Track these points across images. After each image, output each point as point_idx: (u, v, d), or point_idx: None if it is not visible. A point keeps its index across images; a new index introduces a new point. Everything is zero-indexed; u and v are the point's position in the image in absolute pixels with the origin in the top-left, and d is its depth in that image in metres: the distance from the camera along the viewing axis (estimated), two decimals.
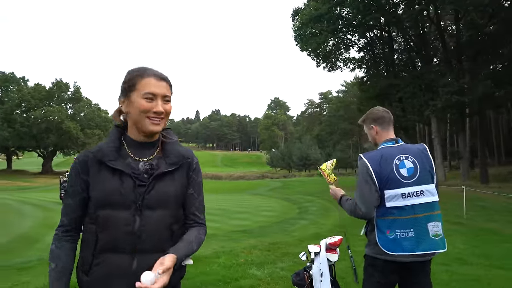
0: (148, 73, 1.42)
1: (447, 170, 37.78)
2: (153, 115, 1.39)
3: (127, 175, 1.37)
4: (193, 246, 1.41)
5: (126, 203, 1.34)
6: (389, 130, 2.48)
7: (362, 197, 2.24)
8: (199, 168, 1.52)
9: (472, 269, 5.49)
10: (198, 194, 1.49)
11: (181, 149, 1.49)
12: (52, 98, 61.27)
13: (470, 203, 14.72)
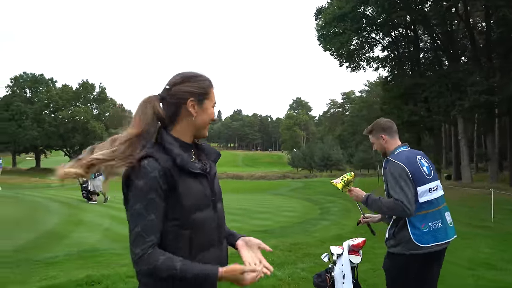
0: (212, 83, 1.57)
1: (473, 172, 36.61)
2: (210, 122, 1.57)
3: (204, 176, 1.48)
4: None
5: (208, 203, 1.47)
6: (396, 138, 2.77)
7: (407, 196, 2.41)
8: None
9: (501, 274, 5.29)
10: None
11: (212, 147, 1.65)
12: (78, 99, 63.13)
13: (498, 206, 14.20)
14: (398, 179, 2.44)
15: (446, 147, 44.09)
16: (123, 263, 5.57)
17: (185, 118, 1.49)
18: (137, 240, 1.35)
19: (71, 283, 4.30)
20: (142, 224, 1.36)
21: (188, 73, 1.54)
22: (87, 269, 5.19)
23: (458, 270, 5.40)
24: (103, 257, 6.07)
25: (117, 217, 12.54)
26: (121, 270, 5.04)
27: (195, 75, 1.54)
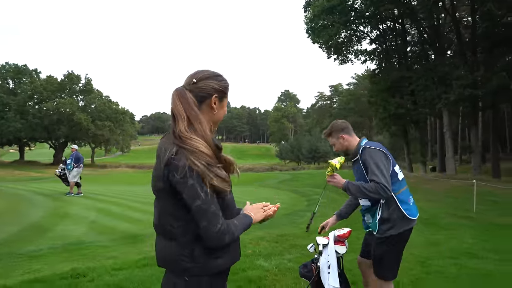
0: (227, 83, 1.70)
1: (458, 164, 37.31)
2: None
3: None
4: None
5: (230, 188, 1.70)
6: (354, 135, 3.00)
7: (387, 180, 2.61)
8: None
9: (483, 263, 5.42)
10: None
11: None
12: (63, 90, 61.91)
13: (481, 197, 14.53)
14: (379, 163, 2.64)
15: (431, 140, 44.79)
16: (109, 256, 5.52)
17: (206, 113, 1.62)
18: (215, 218, 1.51)
19: (55, 276, 4.24)
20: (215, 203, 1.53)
21: (212, 71, 1.67)
22: (72, 262, 5.13)
23: (441, 260, 5.51)
24: (88, 250, 6.00)
25: (103, 209, 12.40)
26: (107, 263, 5.00)
27: (218, 74, 1.68)
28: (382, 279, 2.89)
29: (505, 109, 45.70)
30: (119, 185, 29.26)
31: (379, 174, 2.60)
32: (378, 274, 2.92)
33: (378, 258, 2.87)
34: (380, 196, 2.63)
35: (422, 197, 15.94)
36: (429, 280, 4.38)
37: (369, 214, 2.91)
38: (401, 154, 51.75)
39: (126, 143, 67.10)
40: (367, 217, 2.95)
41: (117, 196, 17.41)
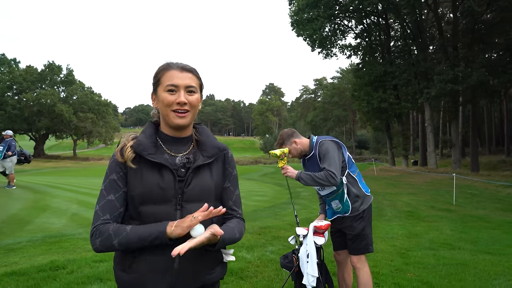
0: (171, 66, 1.39)
1: (438, 158, 38.11)
2: (176, 107, 1.34)
3: (167, 169, 1.33)
4: (235, 233, 1.34)
5: (167, 198, 1.31)
6: (302, 137, 3.15)
7: (337, 169, 2.84)
8: (234, 161, 1.49)
9: (460, 253, 5.57)
10: (235, 188, 1.45)
11: (216, 142, 1.47)
12: (44, 81, 60.39)
13: (460, 190, 14.91)
14: (332, 153, 2.86)
15: (413, 134, 45.59)
16: (90, 248, 5.45)
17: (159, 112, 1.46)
18: (94, 218, 1.34)
19: (33, 268, 4.15)
20: (101, 203, 1.35)
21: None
22: (52, 254, 5.04)
23: (421, 251, 5.63)
24: (69, 242, 5.90)
25: (84, 202, 12.23)
26: (87, 255, 4.93)
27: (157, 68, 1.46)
28: (364, 253, 3.03)
29: (484, 104, 46.78)
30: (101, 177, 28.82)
31: (333, 163, 2.82)
32: (360, 249, 3.02)
33: (360, 232, 3.00)
34: (329, 183, 2.83)
35: (404, 190, 16.24)
36: (408, 271, 4.47)
37: (336, 199, 3.04)
38: (384, 148, 52.62)
39: (109, 135, 66.06)
40: (335, 203, 3.07)
41: (99, 188, 17.15)
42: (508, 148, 40.03)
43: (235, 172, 1.45)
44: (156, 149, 1.38)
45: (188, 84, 1.37)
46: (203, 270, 1.34)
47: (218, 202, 1.40)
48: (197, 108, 1.42)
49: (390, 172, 26.77)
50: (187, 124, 1.38)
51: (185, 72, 1.38)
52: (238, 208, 1.43)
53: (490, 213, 10.83)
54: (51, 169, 44.05)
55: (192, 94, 1.38)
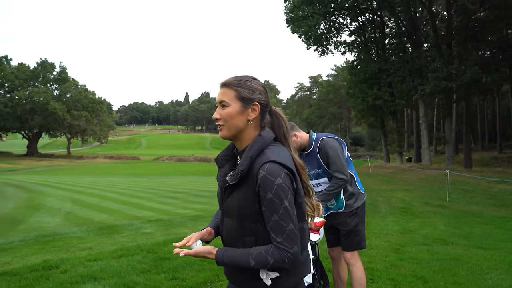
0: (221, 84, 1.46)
1: (432, 154, 38.34)
2: (216, 122, 1.42)
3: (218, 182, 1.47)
4: (249, 259, 1.30)
5: (219, 206, 1.49)
6: (301, 131, 3.08)
7: (345, 168, 2.87)
8: (269, 182, 1.28)
9: (453, 248, 5.61)
10: (271, 213, 1.29)
11: (244, 162, 1.34)
12: (37, 79, 59.91)
13: (453, 186, 15.02)
14: (338, 152, 2.86)
15: (408, 131, 45.82)
16: (84, 247, 5.42)
17: None
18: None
19: (26, 268, 4.12)
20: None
21: None
22: (45, 253, 5.01)
23: (415, 247, 5.66)
24: (62, 242, 5.87)
25: (79, 200, 12.16)
26: (81, 254, 4.90)
27: None
28: (357, 249, 3.04)
29: (477, 102, 47.12)
30: (96, 176, 28.69)
31: (340, 165, 2.85)
32: (353, 245, 3.03)
33: (353, 229, 3.01)
34: (341, 188, 2.91)
35: (399, 186, 16.32)
36: (402, 266, 4.50)
37: None
38: (379, 145, 52.82)
39: (104, 133, 65.71)
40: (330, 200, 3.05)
41: (94, 187, 17.09)
42: (500, 145, 40.38)
43: (269, 196, 1.28)
44: (227, 161, 1.49)
45: (220, 99, 1.41)
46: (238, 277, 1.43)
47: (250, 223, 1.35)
48: (234, 120, 1.39)
49: (384, 168, 26.91)
50: (226, 137, 1.42)
51: (222, 88, 1.43)
52: (276, 235, 1.28)
53: (482, 209, 10.92)
54: (44, 168, 43.73)
55: (224, 108, 1.39)
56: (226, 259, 1.32)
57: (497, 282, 3.95)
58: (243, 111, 1.39)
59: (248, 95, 1.40)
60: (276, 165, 1.29)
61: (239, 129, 1.39)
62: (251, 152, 1.34)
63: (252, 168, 1.32)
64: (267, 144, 1.37)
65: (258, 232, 1.34)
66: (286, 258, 1.28)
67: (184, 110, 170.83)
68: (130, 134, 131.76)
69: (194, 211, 9.70)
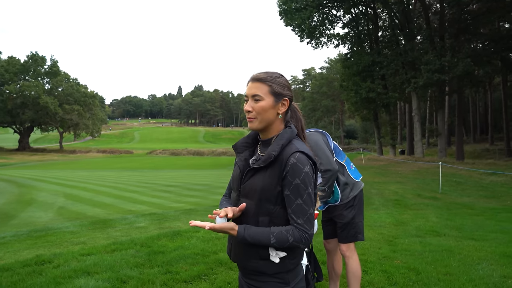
0: (249, 79, 1.56)
1: (425, 147, 38.65)
2: (247, 115, 1.52)
3: (237, 166, 1.60)
4: (270, 237, 1.41)
5: (234, 188, 1.60)
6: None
7: (329, 158, 2.85)
8: (298, 169, 1.42)
9: (445, 240, 5.67)
10: (296, 197, 1.42)
11: (275, 148, 1.47)
12: (27, 72, 59.11)
13: (446, 178, 15.16)
14: (320, 145, 2.86)
15: (401, 124, 46.07)
16: (77, 241, 5.39)
17: None
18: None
19: (18, 263, 4.08)
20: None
21: None
22: (37, 248, 4.97)
23: (408, 238, 5.72)
24: (55, 236, 5.83)
25: (72, 195, 12.09)
26: (74, 248, 4.87)
27: None
28: (353, 241, 3.04)
29: (469, 94, 47.46)
30: (89, 170, 28.52)
31: (323, 159, 2.82)
32: (349, 237, 3.03)
33: (350, 221, 3.00)
34: (333, 180, 2.88)
35: (392, 179, 16.45)
36: (395, 258, 4.53)
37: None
38: (372, 138, 53.08)
39: (96, 127, 65.18)
40: None
41: (87, 181, 16.99)
42: (492, 137, 40.80)
43: (296, 182, 1.42)
44: (246, 148, 1.62)
45: (254, 93, 1.50)
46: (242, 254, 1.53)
47: (268, 204, 1.47)
48: (266, 113, 1.51)
49: (378, 161, 27.07)
50: (256, 129, 1.54)
51: (255, 82, 1.52)
52: (297, 217, 1.42)
53: (474, 200, 11.05)
54: (36, 163, 43.34)
55: (257, 102, 1.50)
56: (247, 236, 1.42)
57: (488, 272, 4.00)
58: (275, 105, 1.51)
59: (280, 91, 1.52)
60: (305, 156, 1.45)
61: (270, 121, 1.52)
62: (282, 140, 1.48)
63: (282, 155, 1.46)
64: (294, 137, 1.52)
65: (274, 213, 1.47)
66: (304, 238, 1.41)
67: (177, 104, 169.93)
68: (123, 128, 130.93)
69: (188, 204, 9.69)
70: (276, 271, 1.48)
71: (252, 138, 1.65)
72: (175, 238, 5.46)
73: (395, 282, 3.65)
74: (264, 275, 1.49)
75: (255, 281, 1.52)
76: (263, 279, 1.50)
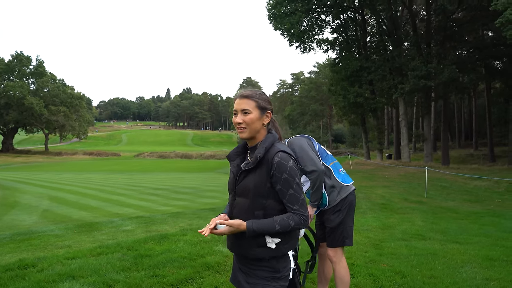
0: (236, 96, 1.83)
1: (412, 152, 39.16)
2: (237, 126, 1.78)
3: (231, 171, 1.88)
4: (274, 226, 1.66)
5: (230, 190, 1.86)
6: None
7: (313, 159, 2.86)
8: (283, 165, 1.69)
9: (430, 243, 5.75)
10: (287, 189, 1.69)
11: (260, 150, 1.73)
12: (12, 72, 58.06)
13: (431, 183, 15.39)
14: (304, 147, 2.90)
15: (388, 128, 46.62)
16: (62, 245, 5.30)
17: None
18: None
19: (0, 268, 4.00)
20: None
21: None
22: (21, 252, 4.87)
23: (394, 242, 5.78)
24: (39, 240, 5.72)
25: (57, 198, 11.90)
26: (59, 252, 4.79)
27: None
28: (341, 246, 3.03)
29: (454, 100, 48.33)
30: (75, 172, 28.10)
31: (307, 160, 2.86)
32: (337, 242, 3.02)
33: (337, 226, 2.99)
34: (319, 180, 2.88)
35: (379, 183, 16.62)
36: (382, 261, 4.58)
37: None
38: (360, 142, 53.57)
39: (83, 129, 64.30)
40: None
41: (72, 184, 16.73)
42: (476, 142, 41.59)
43: (284, 176, 1.68)
44: (238, 156, 1.90)
45: (243, 108, 1.76)
46: (243, 246, 1.75)
47: (261, 199, 1.72)
48: (256, 125, 1.77)
49: (365, 165, 27.32)
50: (246, 138, 1.80)
51: (243, 99, 1.78)
52: (293, 204, 1.69)
53: (458, 205, 11.24)
54: (21, 164, 42.51)
55: (247, 115, 1.76)
56: (256, 227, 1.65)
57: (471, 275, 4.07)
58: (261, 117, 1.79)
59: (265, 105, 1.80)
60: (286, 154, 1.72)
61: (257, 131, 1.79)
62: (265, 144, 1.75)
63: (267, 156, 1.72)
64: (276, 140, 1.80)
65: (267, 206, 1.71)
66: (302, 220, 1.68)
67: (166, 106, 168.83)
68: (110, 130, 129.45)
69: (175, 208, 9.63)
70: (273, 255, 1.72)
71: (242, 147, 1.93)
72: (162, 242, 5.41)
73: (381, 285, 3.69)
74: (262, 261, 1.73)
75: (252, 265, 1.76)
76: (259, 266, 1.74)
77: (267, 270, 1.73)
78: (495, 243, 5.81)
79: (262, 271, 1.73)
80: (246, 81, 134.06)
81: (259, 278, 1.73)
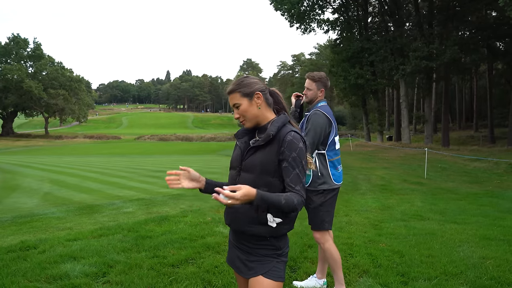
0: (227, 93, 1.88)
1: (412, 133, 39.12)
2: (239, 120, 1.84)
3: (238, 147, 1.88)
4: (281, 200, 1.64)
5: (234, 166, 1.85)
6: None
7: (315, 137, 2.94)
8: (294, 144, 1.71)
9: (429, 224, 5.80)
10: (293, 168, 1.70)
11: (272, 129, 1.74)
12: (9, 55, 57.49)
13: (431, 164, 15.42)
14: (316, 127, 2.95)
15: (388, 110, 46.43)
16: (63, 227, 5.35)
17: None
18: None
19: (2, 249, 4.03)
20: None
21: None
22: (22, 234, 4.92)
23: (392, 223, 5.82)
24: (41, 222, 5.77)
25: (58, 180, 11.95)
26: (61, 234, 4.84)
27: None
28: (319, 229, 3.04)
29: (455, 82, 47.94)
30: (76, 156, 28.17)
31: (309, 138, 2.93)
32: (315, 224, 3.04)
33: (317, 206, 3.01)
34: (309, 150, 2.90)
35: (379, 164, 16.65)
36: (380, 241, 4.62)
37: None
38: (360, 124, 53.45)
39: (83, 112, 64.09)
40: None
41: (73, 167, 16.79)
42: (477, 124, 41.46)
43: (293, 155, 1.70)
44: (246, 134, 1.89)
45: (234, 103, 1.82)
46: (243, 221, 1.76)
47: (267, 176, 1.73)
48: (251, 111, 1.80)
49: (365, 147, 27.34)
50: (250, 126, 1.84)
51: (231, 94, 1.82)
52: (295, 185, 1.70)
53: (458, 186, 11.29)
54: (21, 148, 42.60)
55: (239, 107, 1.80)
56: (264, 197, 1.61)
57: (468, 254, 4.11)
58: (251, 103, 1.80)
59: (249, 90, 1.79)
60: (299, 135, 1.74)
61: (256, 116, 1.81)
62: (278, 123, 1.76)
63: (279, 134, 1.74)
64: (287, 121, 1.81)
65: (271, 184, 1.72)
66: (302, 201, 1.69)
67: (166, 89, 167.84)
68: (110, 113, 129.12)
69: (176, 190, 9.67)
70: (272, 234, 1.74)
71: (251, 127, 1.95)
72: (163, 223, 5.46)
73: (379, 265, 3.73)
74: (263, 239, 1.75)
75: (254, 244, 1.77)
76: (261, 244, 1.76)
77: (269, 248, 1.76)
78: (492, 223, 5.86)
79: (265, 250, 1.76)
80: (246, 63, 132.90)
81: (262, 256, 1.77)
